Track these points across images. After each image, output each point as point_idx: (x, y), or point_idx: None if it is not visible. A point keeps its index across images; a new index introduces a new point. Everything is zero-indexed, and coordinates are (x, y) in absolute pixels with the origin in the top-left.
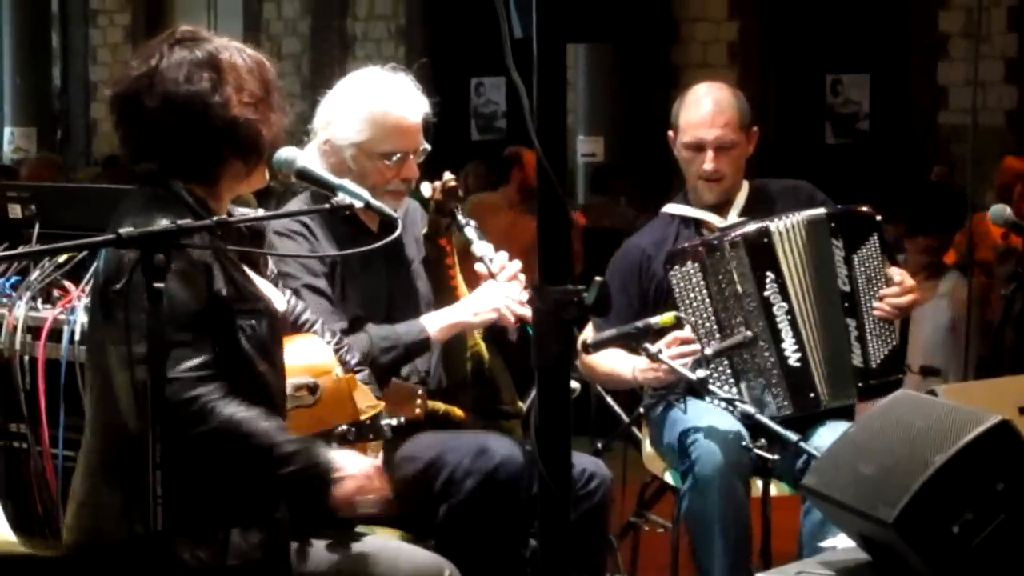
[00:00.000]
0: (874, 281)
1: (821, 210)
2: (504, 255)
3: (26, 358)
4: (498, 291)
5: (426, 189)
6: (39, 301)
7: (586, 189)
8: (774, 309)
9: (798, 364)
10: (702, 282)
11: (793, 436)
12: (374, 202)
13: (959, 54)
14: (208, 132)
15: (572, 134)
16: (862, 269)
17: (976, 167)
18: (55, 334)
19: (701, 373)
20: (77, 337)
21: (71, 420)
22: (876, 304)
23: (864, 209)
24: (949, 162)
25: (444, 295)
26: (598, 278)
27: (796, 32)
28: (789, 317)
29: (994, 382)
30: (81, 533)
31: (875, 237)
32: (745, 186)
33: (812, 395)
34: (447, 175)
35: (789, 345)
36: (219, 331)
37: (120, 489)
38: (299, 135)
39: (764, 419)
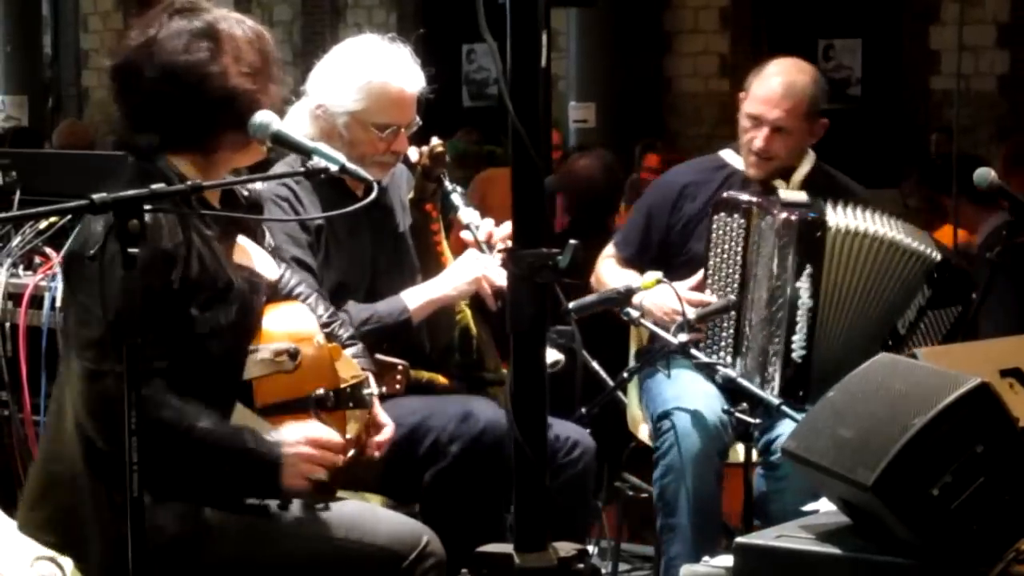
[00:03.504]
0: (928, 342)
1: (936, 254)
2: (490, 222)
3: (7, 325)
4: (477, 262)
5: (413, 154)
6: (20, 268)
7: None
8: (799, 301)
9: (800, 361)
10: (741, 239)
11: (775, 400)
12: (349, 165)
13: (951, 18)
14: (206, 102)
15: (563, 100)
16: (924, 328)
17: (967, 132)
18: (36, 301)
19: (683, 337)
20: (59, 303)
21: (53, 387)
22: None
23: (968, 275)
24: (942, 127)
25: (430, 261)
26: (572, 241)
27: None
28: (810, 315)
29: (974, 345)
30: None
31: (959, 309)
32: (811, 156)
33: (801, 393)
34: (434, 140)
35: (799, 340)
36: (167, 318)
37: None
38: (291, 103)
39: (746, 383)
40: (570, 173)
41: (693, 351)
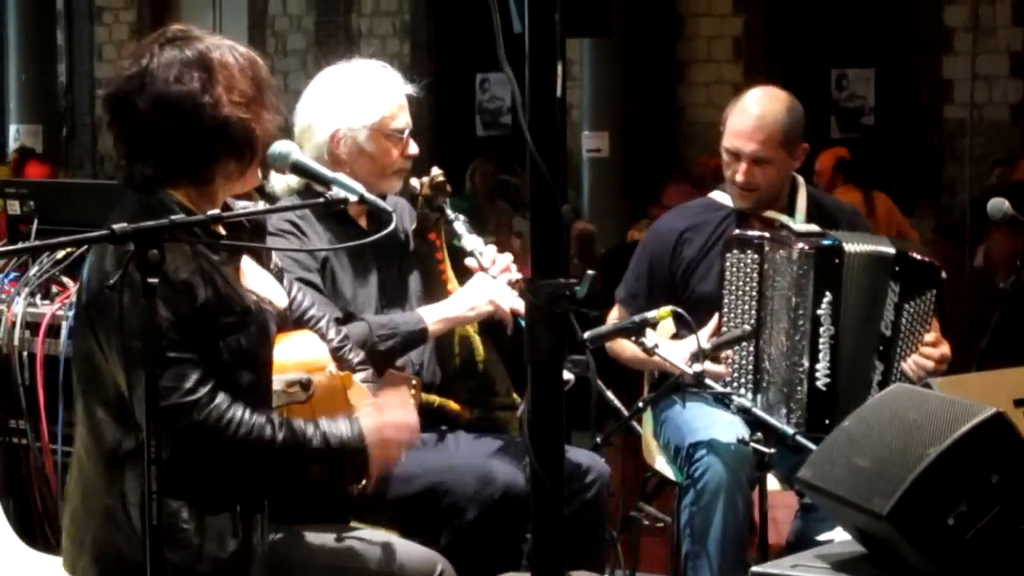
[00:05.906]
0: (916, 335)
1: (891, 248)
2: (493, 248)
3: (25, 354)
4: (490, 284)
5: (414, 183)
6: (38, 297)
7: (591, 184)
8: (821, 329)
9: (825, 389)
10: (756, 275)
11: (789, 430)
12: (368, 195)
13: (964, 48)
14: (200, 132)
15: (577, 129)
16: (908, 320)
17: (980, 161)
18: (53, 330)
19: (697, 368)
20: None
21: (70, 416)
22: (907, 359)
23: (932, 261)
24: (1002, 159)
25: (434, 290)
26: (590, 271)
27: (801, 27)
28: (832, 342)
29: (989, 375)
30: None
31: (933, 292)
32: (803, 189)
33: (828, 422)
34: (435, 170)
35: (823, 367)
36: (202, 345)
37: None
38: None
39: (761, 413)
40: None
41: (708, 381)
